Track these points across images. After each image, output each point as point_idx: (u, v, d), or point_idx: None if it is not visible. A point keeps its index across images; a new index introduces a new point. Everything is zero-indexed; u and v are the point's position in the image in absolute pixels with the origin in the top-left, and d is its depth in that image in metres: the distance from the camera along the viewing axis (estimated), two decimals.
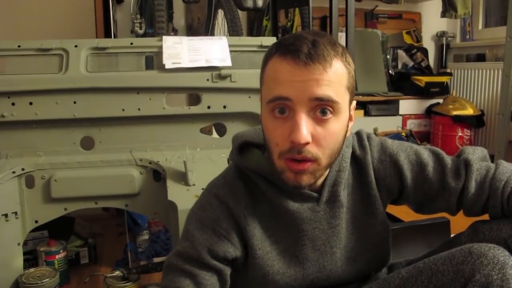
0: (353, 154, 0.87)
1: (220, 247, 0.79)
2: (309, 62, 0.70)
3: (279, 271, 0.84)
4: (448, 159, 0.90)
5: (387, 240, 0.92)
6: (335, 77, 0.72)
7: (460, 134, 2.92)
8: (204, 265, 0.78)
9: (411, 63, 3.28)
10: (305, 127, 0.70)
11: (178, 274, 0.78)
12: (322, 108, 0.71)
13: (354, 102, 0.81)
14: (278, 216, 0.83)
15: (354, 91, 0.78)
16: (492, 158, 2.44)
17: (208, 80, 1.45)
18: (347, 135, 0.80)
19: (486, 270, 0.71)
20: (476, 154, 0.89)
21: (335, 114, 0.72)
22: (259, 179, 0.82)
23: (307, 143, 0.71)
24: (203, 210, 0.82)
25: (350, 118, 0.79)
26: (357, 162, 0.88)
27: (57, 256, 1.55)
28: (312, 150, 0.72)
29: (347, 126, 0.78)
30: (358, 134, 0.91)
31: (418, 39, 3.34)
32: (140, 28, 2.17)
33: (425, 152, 0.90)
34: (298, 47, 0.71)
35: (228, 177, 0.85)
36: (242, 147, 0.86)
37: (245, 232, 0.81)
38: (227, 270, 0.81)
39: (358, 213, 0.88)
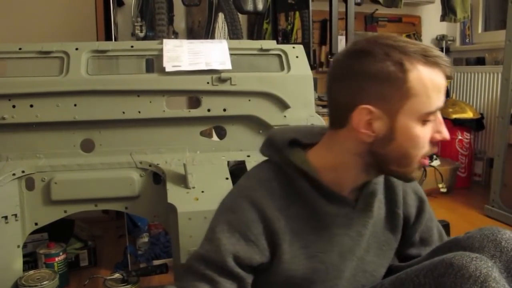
0: None
1: (246, 254, 0.77)
2: (450, 74, 0.75)
3: (303, 276, 0.83)
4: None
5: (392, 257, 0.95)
6: None
7: (460, 137, 2.92)
8: (227, 273, 0.76)
9: None
10: None
11: (198, 279, 0.76)
12: None
13: None
14: (311, 220, 0.82)
15: None
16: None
17: (208, 83, 1.45)
18: None
19: (467, 285, 0.69)
20: None
21: None
22: (301, 179, 0.81)
23: None
24: (233, 212, 0.80)
25: None
26: (389, 180, 0.91)
27: (56, 259, 1.55)
28: None
29: None
30: None
31: None
32: (141, 31, 2.17)
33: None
34: (446, 59, 0.74)
35: (263, 177, 0.83)
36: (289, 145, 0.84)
37: (276, 236, 0.79)
38: (249, 279, 0.80)
39: (381, 227, 0.90)
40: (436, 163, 2.65)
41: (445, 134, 0.75)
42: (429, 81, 0.72)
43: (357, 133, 0.76)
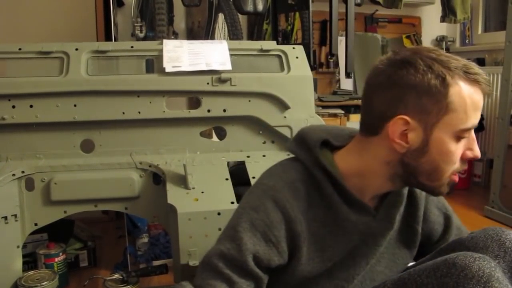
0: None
1: (266, 255, 0.77)
2: (489, 92, 0.77)
3: (316, 279, 0.83)
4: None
5: None
6: None
7: None
8: (246, 273, 0.76)
9: None
10: None
11: (216, 277, 0.76)
12: None
13: None
14: (331, 225, 0.82)
15: None
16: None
17: (208, 83, 1.45)
18: None
19: (470, 285, 0.69)
20: None
21: None
22: (327, 182, 0.80)
23: None
24: (257, 212, 0.78)
25: None
26: (412, 194, 0.90)
27: (56, 259, 1.55)
28: None
29: None
30: None
31: (418, 43, 3.35)
32: (141, 32, 2.17)
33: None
34: (486, 78, 0.75)
35: (289, 178, 0.81)
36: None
37: (298, 238, 0.79)
38: (265, 279, 0.80)
39: (397, 240, 0.89)
40: None
41: (477, 152, 0.77)
42: (468, 98, 0.73)
43: (390, 142, 0.76)
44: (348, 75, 2.10)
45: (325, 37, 3.10)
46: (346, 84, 3.09)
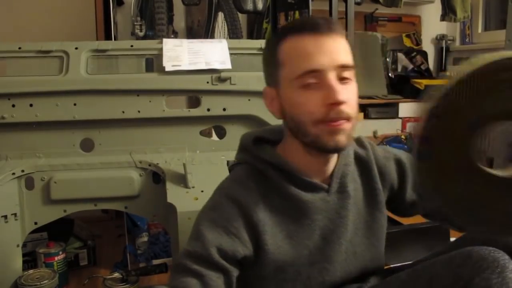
0: (355, 153, 0.92)
1: (229, 246, 0.80)
2: (331, 32, 0.78)
3: (294, 266, 0.85)
4: None
5: (384, 237, 0.95)
6: (347, 46, 0.81)
7: None
8: (213, 265, 0.79)
9: (410, 66, 3.28)
10: (340, 88, 0.76)
11: (186, 274, 0.78)
12: (344, 74, 0.78)
13: None
14: (290, 210, 0.85)
15: None
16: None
17: (208, 82, 1.45)
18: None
19: (485, 274, 0.70)
20: None
21: (352, 79, 0.80)
22: (273, 171, 0.84)
23: (344, 102, 0.76)
24: (214, 210, 0.83)
25: None
26: (360, 159, 0.93)
27: (56, 258, 1.55)
28: (346, 109, 0.77)
29: None
30: (357, 138, 0.95)
31: (418, 42, 3.35)
32: (141, 30, 2.17)
33: None
34: (315, 22, 0.78)
35: (238, 177, 0.87)
36: (254, 143, 0.89)
37: (257, 228, 0.82)
38: (234, 272, 0.82)
39: (364, 207, 0.91)
40: None
41: (334, 97, 0.75)
42: (292, 48, 0.79)
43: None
44: None
45: None
46: None
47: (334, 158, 0.87)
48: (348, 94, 0.77)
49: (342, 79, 0.78)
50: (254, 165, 0.87)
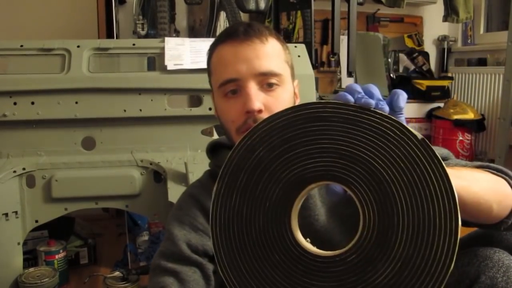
0: None
1: (198, 241, 0.82)
2: (247, 38, 0.77)
3: None
4: None
5: None
6: (273, 51, 0.79)
7: (460, 138, 2.92)
8: (186, 261, 0.80)
9: (412, 67, 3.28)
10: (256, 96, 0.76)
11: (162, 274, 0.80)
12: (268, 81, 0.77)
13: (297, 81, 0.87)
14: None
15: (293, 67, 0.85)
16: (493, 163, 2.44)
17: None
18: None
19: (491, 272, 0.72)
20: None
21: (281, 84, 0.79)
22: None
23: (260, 110, 0.76)
24: (180, 209, 0.87)
25: (295, 96, 0.85)
26: None
27: (56, 256, 1.55)
28: (265, 116, 0.76)
29: (294, 99, 0.84)
30: None
31: (420, 43, 3.35)
32: (142, 29, 2.17)
33: None
34: (235, 29, 0.79)
35: (200, 180, 0.93)
36: (213, 150, 0.95)
37: None
38: (209, 266, 0.83)
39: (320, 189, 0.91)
40: None
41: (248, 105, 0.75)
42: (216, 57, 0.81)
43: None
44: (349, 74, 2.10)
45: (326, 36, 3.10)
46: (348, 83, 3.09)
47: None
48: (272, 100, 0.77)
49: (267, 85, 0.77)
50: (214, 169, 0.92)
